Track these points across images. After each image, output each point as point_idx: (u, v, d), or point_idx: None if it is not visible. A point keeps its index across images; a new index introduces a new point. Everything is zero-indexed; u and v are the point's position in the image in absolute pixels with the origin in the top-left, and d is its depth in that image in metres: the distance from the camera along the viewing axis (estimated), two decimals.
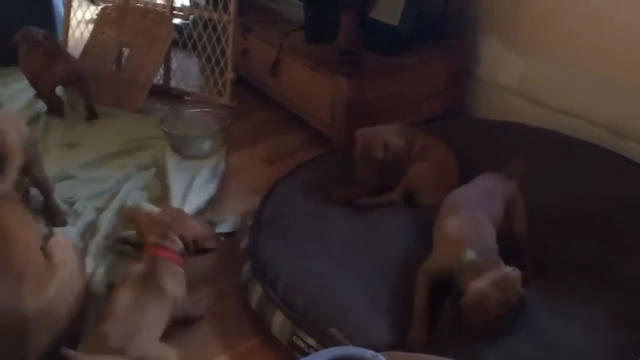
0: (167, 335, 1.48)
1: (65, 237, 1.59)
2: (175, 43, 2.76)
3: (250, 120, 2.58)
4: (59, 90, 2.56)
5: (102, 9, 2.83)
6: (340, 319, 1.42)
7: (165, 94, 2.76)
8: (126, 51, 2.71)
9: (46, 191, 1.93)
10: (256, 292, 1.59)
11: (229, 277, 1.77)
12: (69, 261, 1.49)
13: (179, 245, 1.55)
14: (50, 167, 2.03)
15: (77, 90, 2.55)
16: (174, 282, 1.49)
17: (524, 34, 2.28)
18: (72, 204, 2.01)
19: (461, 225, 1.47)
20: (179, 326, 1.55)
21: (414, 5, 2.20)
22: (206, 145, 2.31)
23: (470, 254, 1.38)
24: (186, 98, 2.77)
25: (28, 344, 1.34)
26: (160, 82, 2.76)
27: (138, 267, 1.48)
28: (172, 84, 2.79)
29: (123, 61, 2.72)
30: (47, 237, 1.76)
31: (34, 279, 1.38)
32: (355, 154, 1.87)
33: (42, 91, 2.55)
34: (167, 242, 1.53)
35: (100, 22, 2.79)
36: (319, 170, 2.02)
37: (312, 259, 1.60)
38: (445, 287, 1.43)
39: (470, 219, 1.48)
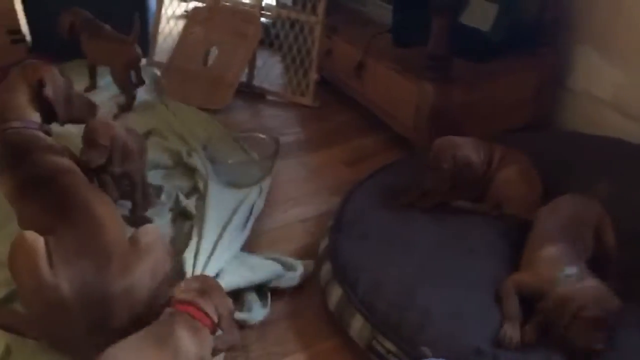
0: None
1: (155, 226, 1.64)
2: (261, 42, 2.80)
3: (331, 121, 2.59)
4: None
5: (193, 8, 2.91)
6: (422, 326, 1.41)
7: (247, 92, 2.81)
8: (214, 50, 2.78)
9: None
10: (335, 294, 1.59)
11: (307, 277, 1.77)
12: (154, 248, 1.54)
13: (212, 312, 1.35)
14: None
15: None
16: (194, 342, 1.28)
17: (622, 44, 2.18)
18: None
19: (558, 254, 1.47)
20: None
21: (508, 11, 2.14)
22: (251, 173, 2.15)
23: (568, 271, 1.39)
24: (268, 97, 2.81)
25: (110, 321, 1.40)
26: (244, 80, 2.80)
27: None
28: (256, 82, 2.83)
29: (210, 60, 2.78)
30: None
31: (121, 261, 1.44)
32: (427, 161, 1.85)
33: (119, 78, 2.60)
34: (201, 300, 1.35)
35: (190, 21, 2.87)
36: (401, 175, 2.00)
37: (395, 263, 1.59)
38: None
39: (566, 248, 1.48)
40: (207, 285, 1.39)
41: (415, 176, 1.86)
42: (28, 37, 3.03)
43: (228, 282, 1.62)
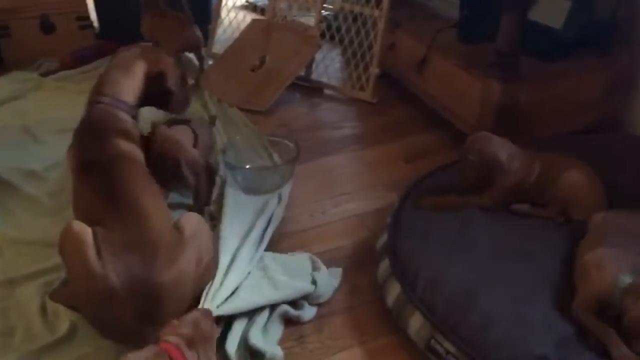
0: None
1: (198, 215, 1.66)
2: (321, 35, 2.79)
3: (389, 116, 2.57)
4: None
5: (252, 20, 2.93)
6: (484, 328, 1.37)
7: (305, 86, 2.80)
8: (267, 59, 2.76)
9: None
10: (394, 291, 1.57)
11: (363, 272, 1.77)
12: (198, 236, 1.56)
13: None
14: None
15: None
16: None
17: None
18: None
19: (609, 255, 1.42)
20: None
21: (581, 8, 2.07)
22: (270, 180, 2.06)
23: (625, 278, 1.33)
24: (326, 91, 2.80)
25: (157, 311, 1.43)
26: (302, 73, 2.80)
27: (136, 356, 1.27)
28: (314, 76, 2.83)
29: (260, 69, 2.76)
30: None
31: (167, 252, 1.46)
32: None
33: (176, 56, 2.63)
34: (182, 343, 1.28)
35: (249, 30, 2.88)
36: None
37: (456, 263, 1.55)
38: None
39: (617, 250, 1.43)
40: (198, 333, 1.31)
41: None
42: (95, 24, 3.11)
43: (245, 300, 1.57)
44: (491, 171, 1.74)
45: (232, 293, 1.59)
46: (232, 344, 1.48)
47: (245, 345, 1.51)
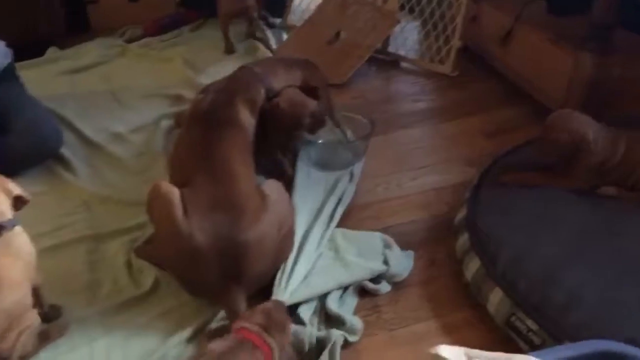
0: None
1: (279, 182, 1.67)
2: (400, 7, 2.74)
3: (469, 90, 2.50)
4: None
5: None
6: (569, 307, 1.34)
7: (382, 59, 2.75)
8: (343, 34, 2.72)
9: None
10: (473, 265, 1.55)
11: (440, 246, 1.74)
12: (279, 204, 1.58)
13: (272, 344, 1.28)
14: None
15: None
16: None
17: None
18: None
19: None
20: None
21: None
22: (342, 155, 2.03)
23: None
24: (403, 64, 2.75)
25: (241, 270, 1.46)
26: (379, 46, 2.76)
27: (218, 344, 1.26)
28: (391, 49, 2.78)
29: (337, 42, 2.73)
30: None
31: (252, 214, 1.49)
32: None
33: (220, 23, 2.72)
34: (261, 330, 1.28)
35: (325, 4, 2.84)
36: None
37: (540, 241, 1.51)
38: None
39: None
40: (272, 322, 1.31)
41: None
42: None
43: (317, 286, 1.55)
44: (575, 150, 1.67)
45: (305, 277, 1.59)
46: (306, 310, 1.50)
47: (320, 312, 1.52)
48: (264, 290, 1.53)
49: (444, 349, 0.81)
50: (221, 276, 1.45)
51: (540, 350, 0.83)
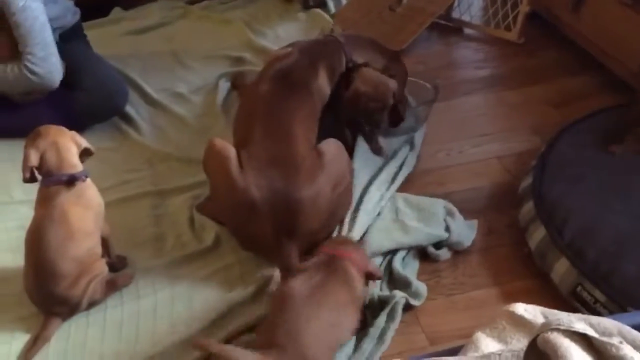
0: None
1: (338, 141, 1.65)
2: None
3: (536, 58, 2.41)
4: None
5: None
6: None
7: (444, 25, 2.67)
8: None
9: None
10: (538, 234, 1.51)
11: (501, 214, 1.71)
12: (337, 163, 1.57)
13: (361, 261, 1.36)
14: None
15: None
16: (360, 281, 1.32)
17: None
18: None
19: None
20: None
21: None
22: (405, 121, 1.93)
23: None
24: (466, 31, 2.66)
25: (295, 226, 1.47)
26: (441, 12, 2.67)
27: (317, 260, 1.33)
28: (454, 14, 2.69)
29: (399, 6, 2.63)
30: None
31: (307, 171, 1.49)
32: None
33: None
34: (351, 248, 1.39)
35: None
36: (618, 122, 1.81)
37: (611, 211, 1.46)
38: None
39: None
40: (350, 243, 1.41)
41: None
42: None
43: (373, 242, 1.56)
44: None
45: (363, 234, 1.59)
46: None
47: (384, 271, 1.53)
48: None
49: (520, 306, 0.80)
50: (275, 231, 1.46)
51: (616, 314, 0.81)
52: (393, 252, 1.56)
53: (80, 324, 1.44)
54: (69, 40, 2.13)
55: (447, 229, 1.61)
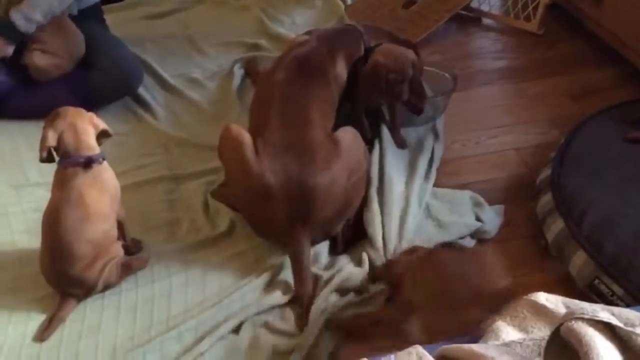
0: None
1: (354, 130, 1.63)
2: None
3: (556, 49, 2.38)
4: None
5: None
6: None
7: (463, 14, 2.64)
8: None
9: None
10: (556, 226, 1.49)
11: (518, 206, 1.69)
12: (352, 151, 1.56)
13: None
14: None
15: None
16: None
17: None
18: None
19: None
20: None
21: None
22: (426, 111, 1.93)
23: None
24: (485, 21, 2.63)
25: (309, 212, 1.46)
26: (456, 11, 2.61)
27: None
28: (473, 4, 2.66)
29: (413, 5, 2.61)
30: None
31: (323, 158, 1.48)
32: None
33: None
34: None
35: None
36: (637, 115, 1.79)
37: (631, 204, 1.45)
38: None
39: None
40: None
41: None
42: None
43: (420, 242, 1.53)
44: None
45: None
46: None
47: None
48: None
49: (542, 296, 0.79)
50: (288, 217, 1.45)
51: (636, 306, 0.80)
52: None
53: (96, 306, 1.44)
54: (89, 19, 2.14)
55: (479, 218, 1.61)
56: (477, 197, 1.68)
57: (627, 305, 1.28)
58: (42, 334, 1.37)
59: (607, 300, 1.32)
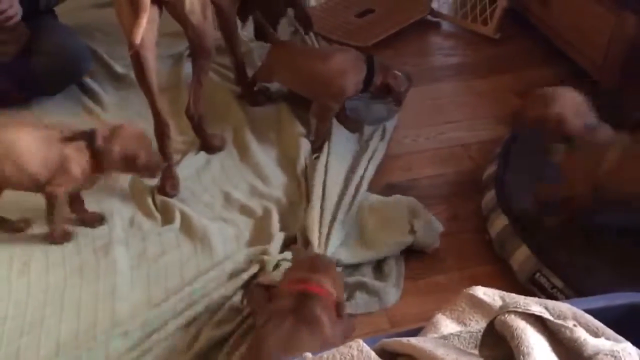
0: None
1: None
2: None
3: (505, 47, 2.43)
4: None
5: None
6: (598, 270, 1.33)
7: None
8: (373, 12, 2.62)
9: None
10: (499, 222, 1.54)
11: (465, 200, 1.73)
12: None
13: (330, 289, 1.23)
14: None
15: None
16: (330, 319, 1.19)
17: None
18: None
19: None
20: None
21: None
22: (375, 110, 2.00)
23: None
24: (442, 24, 2.63)
25: None
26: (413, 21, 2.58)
27: (283, 303, 1.20)
28: (433, 5, 2.65)
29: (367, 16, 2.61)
30: None
31: None
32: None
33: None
34: (319, 277, 1.23)
35: None
36: None
37: None
38: None
39: None
40: (320, 264, 1.29)
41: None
42: None
43: (345, 259, 1.52)
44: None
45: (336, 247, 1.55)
46: None
47: None
48: None
49: (479, 289, 0.81)
50: None
51: (572, 299, 0.83)
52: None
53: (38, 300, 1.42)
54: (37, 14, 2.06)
55: (412, 231, 1.56)
56: (416, 205, 1.62)
57: (566, 297, 1.33)
58: None
59: (547, 292, 1.36)
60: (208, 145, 1.85)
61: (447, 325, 0.78)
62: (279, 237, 1.55)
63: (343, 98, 1.87)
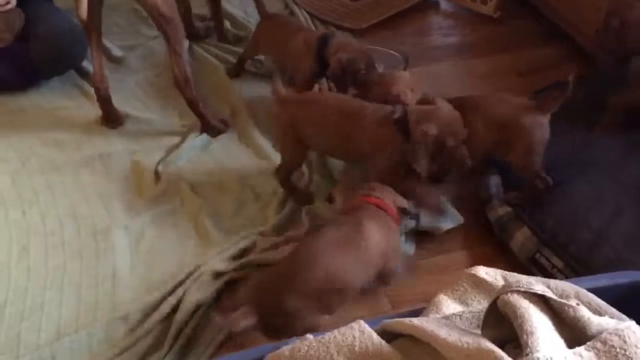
0: None
1: None
2: None
3: (505, 27, 2.41)
4: None
5: None
6: (596, 248, 1.33)
7: None
8: None
9: None
10: (501, 209, 1.53)
11: (466, 181, 1.72)
12: None
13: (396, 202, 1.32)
14: None
15: None
16: (382, 233, 1.24)
17: None
18: None
19: None
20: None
21: None
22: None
23: None
24: (441, 3, 2.61)
25: None
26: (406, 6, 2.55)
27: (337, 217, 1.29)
28: None
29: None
30: None
31: None
32: None
33: None
34: (383, 193, 1.31)
35: None
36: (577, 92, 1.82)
37: (568, 181, 1.50)
38: None
39: None
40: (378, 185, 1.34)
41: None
42: None
43: None
44: None
45: None
46: None
47: None
48: None
49: (481, 269, 0.81)
50: None
51: (573, 279, 0.82)
52: None
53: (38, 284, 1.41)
54: None
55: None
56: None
57: (566, 277, 1.33)
58: None
59: (547, 272, 1.36)
60: (209, 128, 1.83)
61: (449, 305, 0.77)
62: (282, 215, 1.57)
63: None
